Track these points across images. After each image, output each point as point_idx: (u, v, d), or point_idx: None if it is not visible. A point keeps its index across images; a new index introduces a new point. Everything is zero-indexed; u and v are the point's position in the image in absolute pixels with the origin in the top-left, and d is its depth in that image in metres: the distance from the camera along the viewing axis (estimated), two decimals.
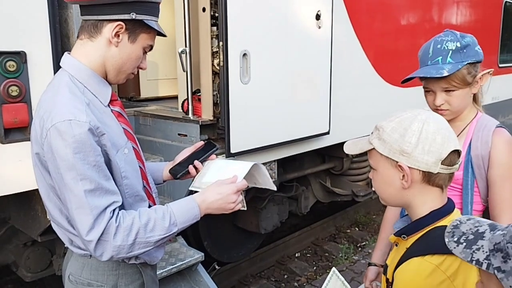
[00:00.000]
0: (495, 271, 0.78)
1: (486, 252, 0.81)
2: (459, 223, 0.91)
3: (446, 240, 0.90)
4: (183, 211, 1.42)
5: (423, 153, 1.16)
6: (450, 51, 1.57)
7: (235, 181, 1.51)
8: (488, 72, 1.61)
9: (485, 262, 0.80)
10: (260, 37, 3.00)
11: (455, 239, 0.88)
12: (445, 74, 1.54)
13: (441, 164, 1.17)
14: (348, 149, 1.36)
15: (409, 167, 1.18)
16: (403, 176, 1.20)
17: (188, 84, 2.99)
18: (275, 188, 1.69)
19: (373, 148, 1.26)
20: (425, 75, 1.59)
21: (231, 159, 2.37)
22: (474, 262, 0.82)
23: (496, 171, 1.56)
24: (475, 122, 1.65)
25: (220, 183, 1.50)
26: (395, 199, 1.29)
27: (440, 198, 1.24)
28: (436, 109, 1.65)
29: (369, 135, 1.31)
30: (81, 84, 1.39)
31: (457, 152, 1.20)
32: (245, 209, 1.57)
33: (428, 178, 1.19)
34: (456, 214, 1.25)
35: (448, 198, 1.28)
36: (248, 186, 1.56)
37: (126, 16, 1.37)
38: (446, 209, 1.24)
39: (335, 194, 4.68)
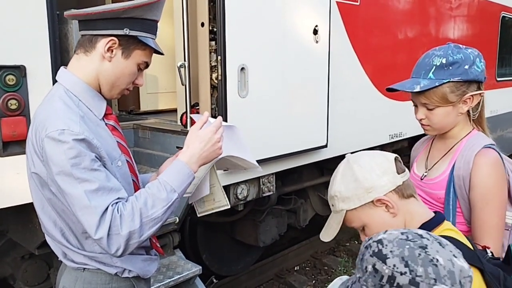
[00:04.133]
0: None
1: None
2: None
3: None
4: (174, 176, 1.39)
5: (381, 177, 1.23)
6: (434, 67, 1.52)
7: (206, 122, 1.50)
8: (480, 94, 1.54)
9: None
10: (258, 52, 3.03)
11: None
12: (417, 89, 1.51)
13: (398, 174, 1.25)
14: (327, 236, 1.37)
15: (384, 195, 1.23)
16: (386, 206, 1.25)
17: (187, 97, 3.01)
18: (257, 166, 1.68)
19: (346, 213, 1.29)
20: (399, 88, 1.56)
21: None
22: None
23: (476, 193, 1.49)
24: (465, 141, 1.59)
25: (195, 133, 1.47)
26: None
27: (420, 205, 1.30)
28: (420, 123, 1.64)
29: (329, 218, 1.37)
30: (76, 98, 1.41)
31: (399, 160, 1.29)
32: (229, 206, 1.65)
33: (401, 192, 1.25)
34: (446, 225, 1.28)
35: (438, 212, 1.32)
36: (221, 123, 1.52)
37: (119, 32, 1.39)
38: (435, 220, 1.27)
39: None
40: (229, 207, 1.68)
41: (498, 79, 6.37)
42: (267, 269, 4.70)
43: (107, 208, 1.28)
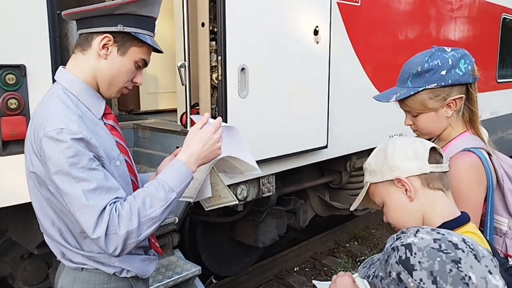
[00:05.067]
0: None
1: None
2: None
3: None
4: (173, 176, 1.39)
5: (409, 160, 1.25)
6: (411, 75, 1.54)
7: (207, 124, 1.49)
8: (460, 97, 1.53)
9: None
10: (259, 52, 3.03)
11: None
12: (392, 99, 1.54)
13: (429, 163, 1.25)
14: (354, 206, 1.44)
15: (405, 177, 1.25)
16: (406, 190, 1.26)
17: (187, 97, 3.01)
18: (258, 170, 1.68)
19: (370, 186, 1.33)
20: (378, 99, 1.59)
21: None
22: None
23: None
24: (451, 143, 1.58)
25: (195, 132, 1.47)
26: (411, 219, 1.29)
27: (448, 202, 1.27)
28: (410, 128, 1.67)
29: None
30: (75, 97, 1.41)
31: (437, 151, 1.29)
32: (237, 202, 1.61)
33: (426, 181, 1.25)
34: (469, 227, 1.24)
35: (464, 212, 1.29)
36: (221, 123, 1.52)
37: (113, 28, 1.39)
38: (458, 220, 1.24)
39: (334, 208, 4.67)
40: (237, 202, 1.66)
41: (499, 80, 6.36)
42: (266, 269, 4.69)
43: (105, 208, 1.27)
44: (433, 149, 1.27)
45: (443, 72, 1.49)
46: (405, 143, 1.29)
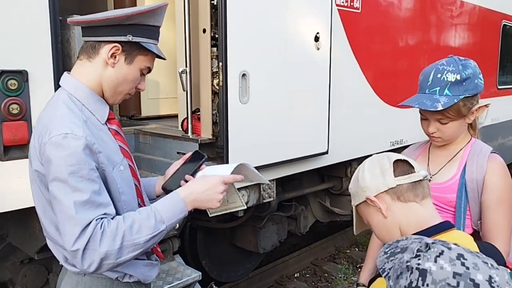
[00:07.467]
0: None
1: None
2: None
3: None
4: (168, 208, 1.39)
5: (376, 177, 1.27)
6: (449, 83, 1.56)
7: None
8: (485, 105, 1.62)
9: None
10: (260, 58, 3.04)
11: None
12: (439, 108, 1.55)
13: (395, 176, 1.25)
14: (355, 231, 1.49)
15: (374, 196, 1.26)
16: (378, 208, 1.26)
17: (188, 103, 3.02)
18: (267, 182, 1.75)
19: (356, 208, 1.37)
20: (419, 106, 1.59)
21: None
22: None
23: (491, 195, 1.56)
24: (469, 146, 1.67)
25: (205, 176, 1.51)
26: (392, 234, 1.28)
27: (423, 212, 1.24)
28: (429, 135, 1.69)
29: None
30: (79, 102, 1.42)
31: (405, 162, 1.28)
32: (245, 207, 1.63)
33: (396, 194, 1.25)
34: (449, 234, 1.20)
35: (447, 221, 1.26)
36: (241, 179, 1.57)
37: (122, 38, 1.40)
38: (433, 229, 1.21)
39: (335, 214, 4.67)
40: (245, 207, 1.67)
41: (499, 87, 6.38)
42: (267, 275, 4.68)
43: (90, 222, 1.26)
44: (400, 161, 1.28)
45: (476, 81, 1.58)
46: (373, 162, 1.31)
